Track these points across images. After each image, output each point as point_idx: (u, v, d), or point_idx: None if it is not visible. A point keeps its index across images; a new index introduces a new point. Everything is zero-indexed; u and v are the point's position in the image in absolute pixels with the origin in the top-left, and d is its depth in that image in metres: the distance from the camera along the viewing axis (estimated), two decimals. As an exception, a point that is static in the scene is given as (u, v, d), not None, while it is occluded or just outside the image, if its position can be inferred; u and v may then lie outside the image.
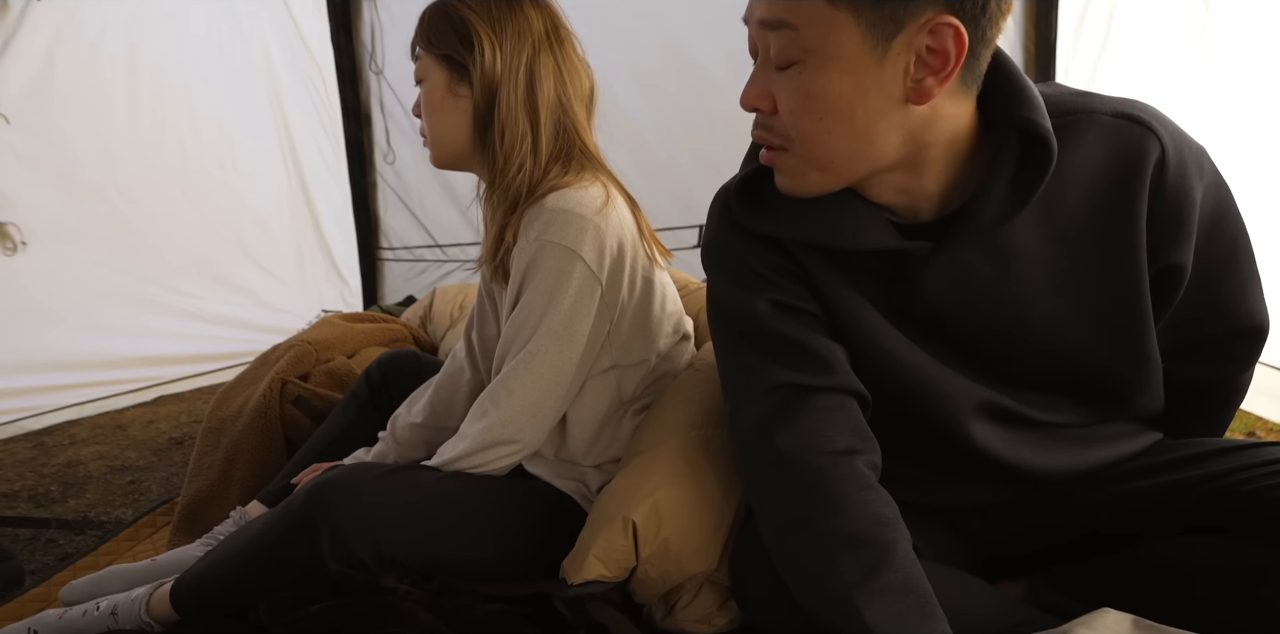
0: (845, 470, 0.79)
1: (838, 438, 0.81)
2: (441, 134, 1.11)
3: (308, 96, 3.03)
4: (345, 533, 0.95)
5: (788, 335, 0.84)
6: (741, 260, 0.86)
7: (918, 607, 0.71)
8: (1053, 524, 0.94)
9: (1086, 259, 0.79)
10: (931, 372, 0.85)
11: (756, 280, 0.85)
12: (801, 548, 0.78)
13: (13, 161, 2.17)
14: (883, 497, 0.79)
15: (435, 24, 1.09)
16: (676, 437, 1.05)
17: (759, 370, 0.85)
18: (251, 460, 1.49)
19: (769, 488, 0.82)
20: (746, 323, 0.86)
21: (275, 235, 3.01)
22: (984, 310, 0.82)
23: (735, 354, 0.88)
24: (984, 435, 0.87)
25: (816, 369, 0.83)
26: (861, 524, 0.76)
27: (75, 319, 2.37)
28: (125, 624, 1.05)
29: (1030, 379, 0.87)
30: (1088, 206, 0.78)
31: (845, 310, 0.84)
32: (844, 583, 0.72)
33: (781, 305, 0.85)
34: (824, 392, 0.83)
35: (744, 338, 0.87)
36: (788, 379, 0.83)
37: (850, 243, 0.79)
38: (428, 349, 2.03)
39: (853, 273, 0.84)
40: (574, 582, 0.97)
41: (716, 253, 0.90)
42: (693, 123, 2.91)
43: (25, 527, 1.63)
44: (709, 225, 0.91)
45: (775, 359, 0.84)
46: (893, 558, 0.74)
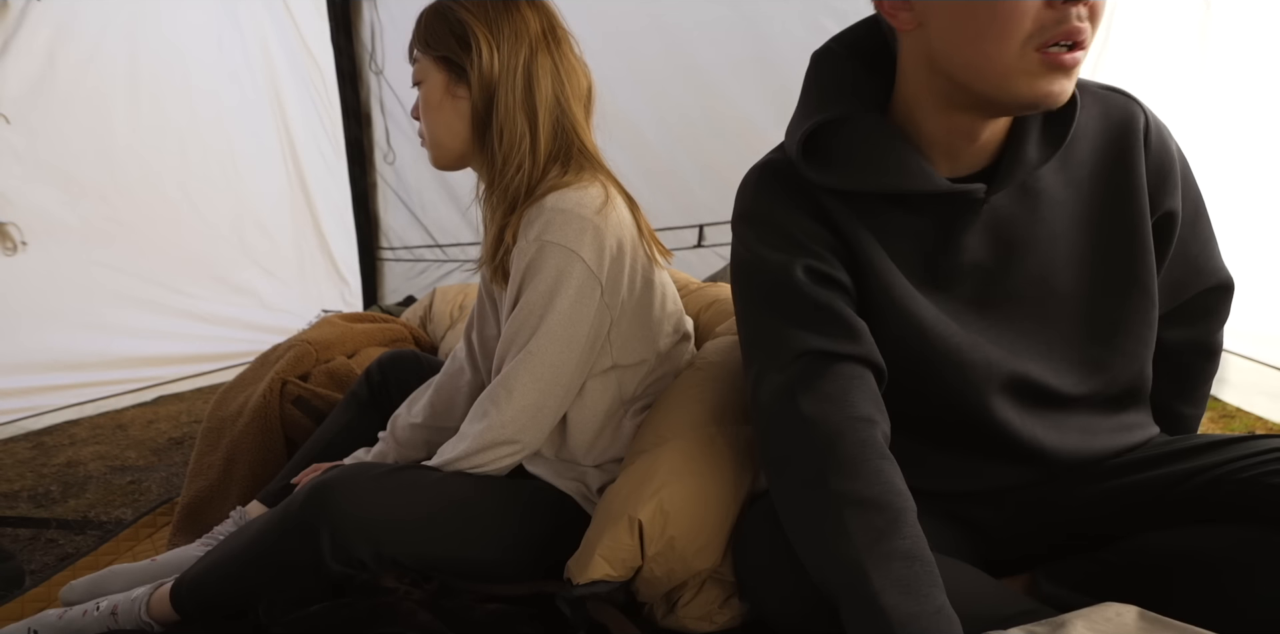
0: (864, 437, 0.81)
1: (859, 405, 0.83)
2: (440, 135, 1.11)
3: (308, 96, 3.03)
4: (345, 533, 0.95)
5: (819, 301, 0.86)
6: (781, 227, 0.88)
7: (924, 574, 0.72)
8: (1052, 522, 0.95)
9: (1096, 202, 0.88)
10: (957, 340, 0.88)
11: (794, 247, 0.87)
12: (814, 507, 0.79)
13: (13, 161, 2.17)
14: (896, 468, 0.81)
15: (432, 26, 1.09)
16: (680, 435, 1.06)
17: (786, 336, 0.86)
18: (251, 460, 1.49)
19: (787, 450, 0.83)
20: (779, 288, 0.87)
21: (275, 235, 3.01)
22: (1017, 255, 0.87)
23: (763, 319, 0.89)
24: (1001, 409, 0.90)
25: (843, 337, 0.85)
26: (875, 489, 0.77)
27: (75, 319, 2.37)
28: (125, 624, 1.05)
29: (1052, 340, 0.90)
30: (1094, 157, 0.87)
31: (878, 279, 0.87)
32: (853, 545, 0.73)
33: (816, 272, 0.87)
34: (848, 360, 0.85)
35: (774, 303, 0.88)
36: (814, 345, 0.84)
37: (926, 184, 0.82)
38: (428, 349, 2.03)
39: (892, 238, 0.87)
40: (579, 582, 0.97)
41: (755, 220, 0.91)
42: (693, 123, 2.91)
43: (25, 527, 1.63)
44: (746, 195, 0.93)
45: (804, 325, 0.86)
46: (903, 525, 0.75)
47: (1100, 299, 0.90)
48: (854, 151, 0.84)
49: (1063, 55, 0.72)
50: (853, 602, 0.72)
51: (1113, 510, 0.91)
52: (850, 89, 0.86)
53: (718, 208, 2.99)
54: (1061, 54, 0.72)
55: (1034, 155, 0.83)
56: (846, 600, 0.73)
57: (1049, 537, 0.96)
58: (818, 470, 0.79)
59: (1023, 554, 0.98)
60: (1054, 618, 0.76)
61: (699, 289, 1.56)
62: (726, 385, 1.14)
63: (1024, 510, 0.96)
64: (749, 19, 2.74)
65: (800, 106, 0.89)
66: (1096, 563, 0.91)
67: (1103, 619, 0.75)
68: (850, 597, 0.72)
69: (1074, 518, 0.94)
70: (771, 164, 0.92)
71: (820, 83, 0.89)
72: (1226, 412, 2.11)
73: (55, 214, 2.29)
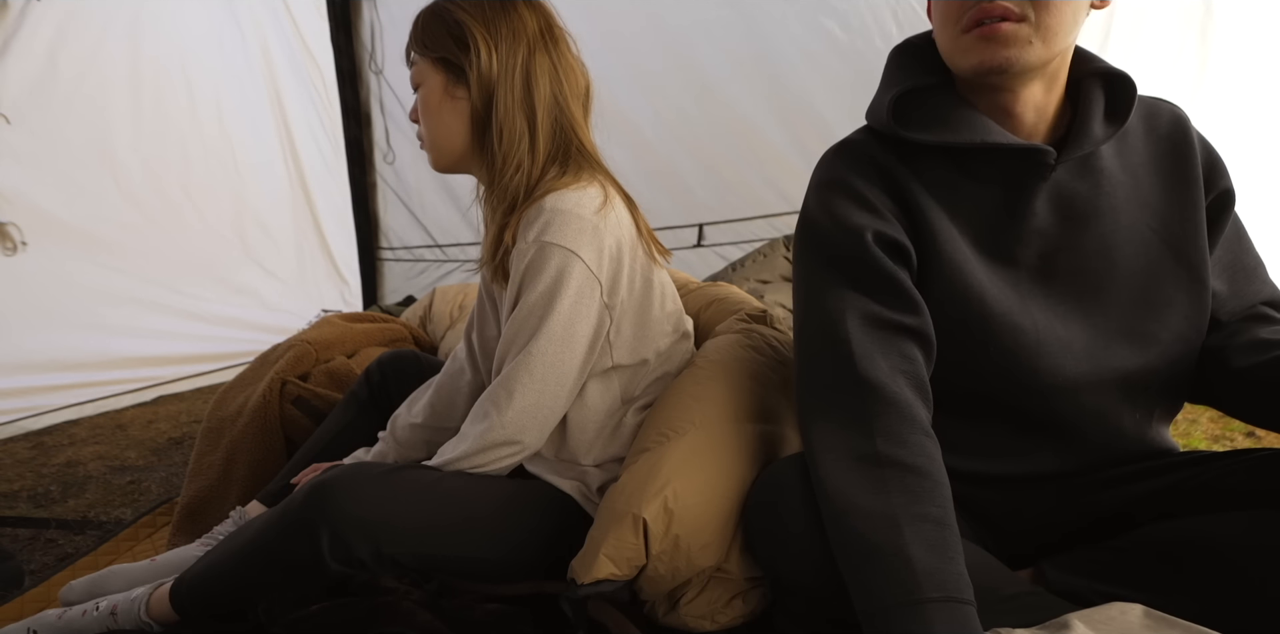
0: (914, 409, 0.85)
1: (911, 376, 0.87)
2: (440, 137, 1.11)
3: (308, 96, 3.03)
4: (345, 533, 0.95)
5: (886, 271, 0.89)
6: (857, 193, 0.92)
7: (951, 540, 0.76)
8: (1065, 514, 0.97)
9: (1153, 186, 0.93)
10: (1010, 305, 0.91)
11: (870, 215, 0.91)
12: (856, 464, 0.82)
13: (13, 162, 2.17)
14: (938, 446, 0.85)
15: (430, 27, 1.09)
16: (683, 433, 1.06)
17: (849, 298, 0.90)
18: (251, 460, 1.49)
19: (836, 410, 0.86)
20: (849, 252, 0.91)
21: (275, 235, 3.02)
22: (1079, 227, 0.91)
23: (826, 284, 0.92)
24: (1048, 378, 0.92)
25: (904, 309, 0.89)
26: (919, 459, 0.81)
27: (75, 319, 2.37)
28: (125, 624, 1.05)
29: (1109, 312, 0.93)
30: (1147, 148, 0.93)
31: (940, 247, 0.91)
32: (890, 501, 0.78)
33: (885, 239, 0.90)
34: (905, 333, 0.89)
35: (841, 266, 0.91)
36: (875, 312, 0.88)
37: (1002, 138, 0.88)
38: (428, 349, 2.03)
39: (958, 208, 0.92)
40: (584, 581, 0.97)
41: (833, 186, 0.95)
42: (692, 122, 2.91)
43: (25, 527, 1.63)
44: (826, 165, 0.97)
45: (868, 291, 0.90)
46: (938, 495, 0.79)
47: (1156, 277, 0.93)
48: (937, 112, 0.91)
49: (987, 27, 0.82)
50: (878, 553, 0.75)
51: (1131, 499, 0.94)
52: (927, 69, 0.93)
53: (717, 207, 2.99)
54: (986, 27, 0.82)
55: (1098, 132, 0.88)
56: (872, 551, 0.76)
57: (1057, 530, 0.98)
58: (866, 432, 0.83)
59: (1026, 549, 0.99)
60: (1056, 619, 0.77)
61: (699, 288, 1.56)
62: (728, 384, 1.14)
63: (1043, 498, 0.98)
64: (749, 19, 2.74)
65: (883, 85, 0.96)
66: (1105, 551, 0.92)
67: (1106, 618, 0.75)
68: (877, 548, 0.76)
69: (1088, 510, 0.96)
70: (850, 141, 0.97)
71: (902, 63, 0.96)
72: (1226, 411, 2.10)
73: (55, 214, 2.29)
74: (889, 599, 0.73)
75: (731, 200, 2.97)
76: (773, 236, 2.76)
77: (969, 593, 0.73)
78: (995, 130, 0.88)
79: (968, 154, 0.90)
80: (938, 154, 0.91)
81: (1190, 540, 0.86)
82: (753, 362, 1.21)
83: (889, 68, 0.98)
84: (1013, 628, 0.74)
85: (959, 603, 0.72)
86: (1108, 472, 0.97)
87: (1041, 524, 0.99)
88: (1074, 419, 0.94)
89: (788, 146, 2.89)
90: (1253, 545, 0.81)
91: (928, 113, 0.91)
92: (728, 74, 2.83)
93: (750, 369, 1.20)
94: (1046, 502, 0.98)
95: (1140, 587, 0.83)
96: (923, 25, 3.18)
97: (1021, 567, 0.97)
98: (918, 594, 0.72)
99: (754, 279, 2.25)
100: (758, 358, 1.23)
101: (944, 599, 0.72)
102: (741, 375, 1.17)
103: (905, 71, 0.95)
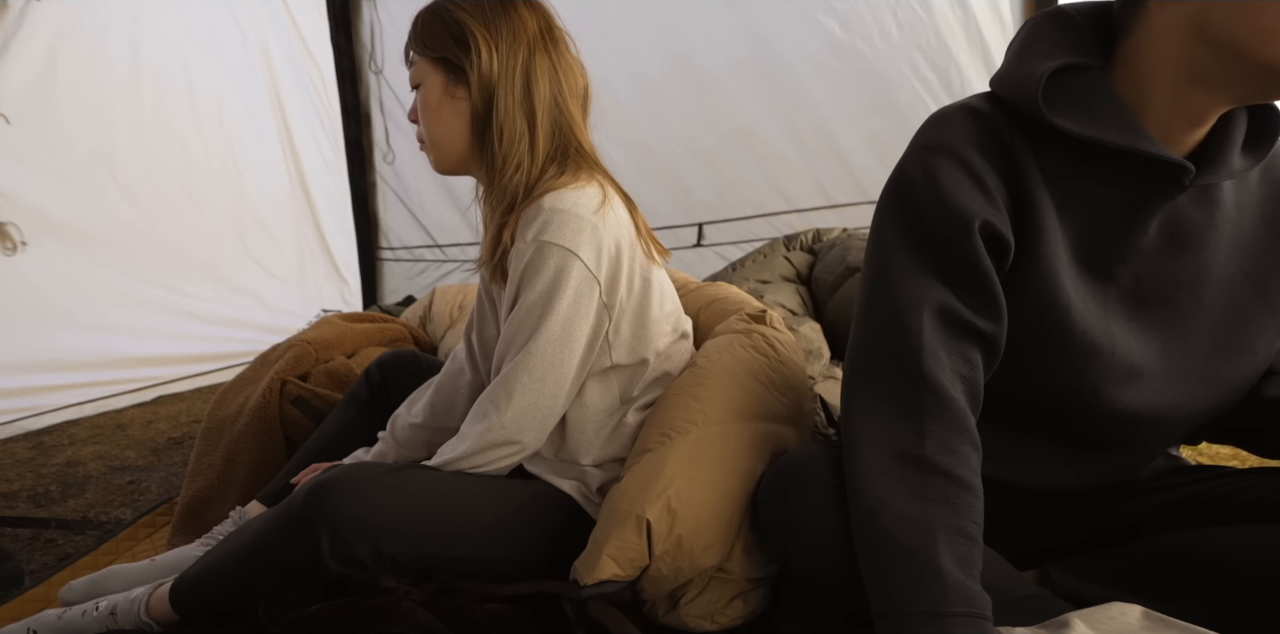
0: (968, 418, 0.81)
1: (970, 382, 0.83)
2: (441, 137, 1.11)
3: (308, 96, 3.03)
4: (344, 533, 0.95)
5: (980, 267, 0.82)
6: (974, 170, 0.82)
7: (977, 558, 0.76)
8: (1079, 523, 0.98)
9: (1252, 227, 0.88)
10: (1093, 324, 0.85)
11: (982, 200, 0.82)
12: (899, 465, 0.79)
13: (13, 161, 2.17)
14: (980, 455, 0.82)
15: (429, 27, 1.09)
16: (685, 433, 1.06)
17: (930, 290, 0.82)
18: (251, 460, 1.49)
19: (887, 403, 0.82)
20: (946, 240, 0.82)
21: (275, 235, 3.02)
22: (1180, 254, 0.85)
23: (910, 265, 0.83)
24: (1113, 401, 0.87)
25: (985, 312, 0.83)
26: (964, 471, 0.79)
27: (75, 319, 2.37)
28: (124, 624, 1.05)
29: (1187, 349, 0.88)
30: (1260, 187, 0.88)
31: (1044, 251, 0.83)
32: (929, 507, 0.76)
33: (992, 233, 0.82)
34: (978, 339, 0.83)
35: (930, 253, 0.83)
36: (955, 309, 0.82)
37: (1151, 147, 0.79)
38: (427, 349, 2.03)
39: (1071, 206, 0.83)
40: (587, 582, 0.97)
41: (949, 154, 0.83)
42: (692, 122, 2.91)
43: (25, 527, 1.63)
44: (945, 128, 0.84)
45: (953, 285, 0.82)
46: (975, 511, 0.78)
47: (1241, 321, 0.88)
48: (1085, 99, 0.81)
49: None
50: (909, 558, 0.74)
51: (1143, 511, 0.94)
52: (1082, 46, 0.83)
53: (717, 206, 2.99)
54: None
55: (1237, 163, 0.81)
56: (902, 555, 0.75)
57: (1066, 536, 0.98)
58: (914, 430, 0.80)
59: (1030, 550, 0.99)
60: (1056, 618, 0.77)
61: (698, 288, 1.56)
62: (729, 384, 1.14)
63: (1057, 506, 0.97)
64: (749, 18, 2.74)
65: (1027, 54, 0.84)
66: (1113, 558, 0.92)
67: (1105, 618, 0.76)
68: (908, 552, 0.74)
69: (1100, 519, 0.96)
70: (974, 108, 0.85)
71: (1052, 34, 0.84)
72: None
73: (55, 214, 2.28)
74: (913, 606, 0.72)
75: (731, 200, 2.97)
76: (772, 236, 2.76)
77: (989, 608, 0.73)
78: (1145, 135, 0.78)
79: (1101, 152, 0.80)
80: (1065, 142, 0.82)
81: (1202, 551, 0.85)
82: (754, 361, 1.21)
83: (1035, 34, 0.85)
84: (1013, 627, 0.75)
85: (981, 619, 0.72)
86: (1126, 488, 0.96)
87: (1051, 530, 0.99)
88: (1118, 443, 0.91)
89: (787, 146, 2.89)
90: (1265, 559, 0.80)
91: (1073, 97, 0.81)
92: (727, 73, 2.82)
93: (751, 369, 1.20)
94: (1060, 509, 0.98)
95: (1149, 595, 0.82)
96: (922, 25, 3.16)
97: (1023, 568, 0.96)
98: (944, 607, 0.71)
99: (754, 279, 2.24)
100: (759, 358, 1.23)
101: (969, 615, 0.72)
102: (743, 375, 1.17)
103: (1056, 44, 0.83)
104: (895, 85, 2.74)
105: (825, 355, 1.90)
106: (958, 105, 0.86)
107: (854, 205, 2.94)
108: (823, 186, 2.94)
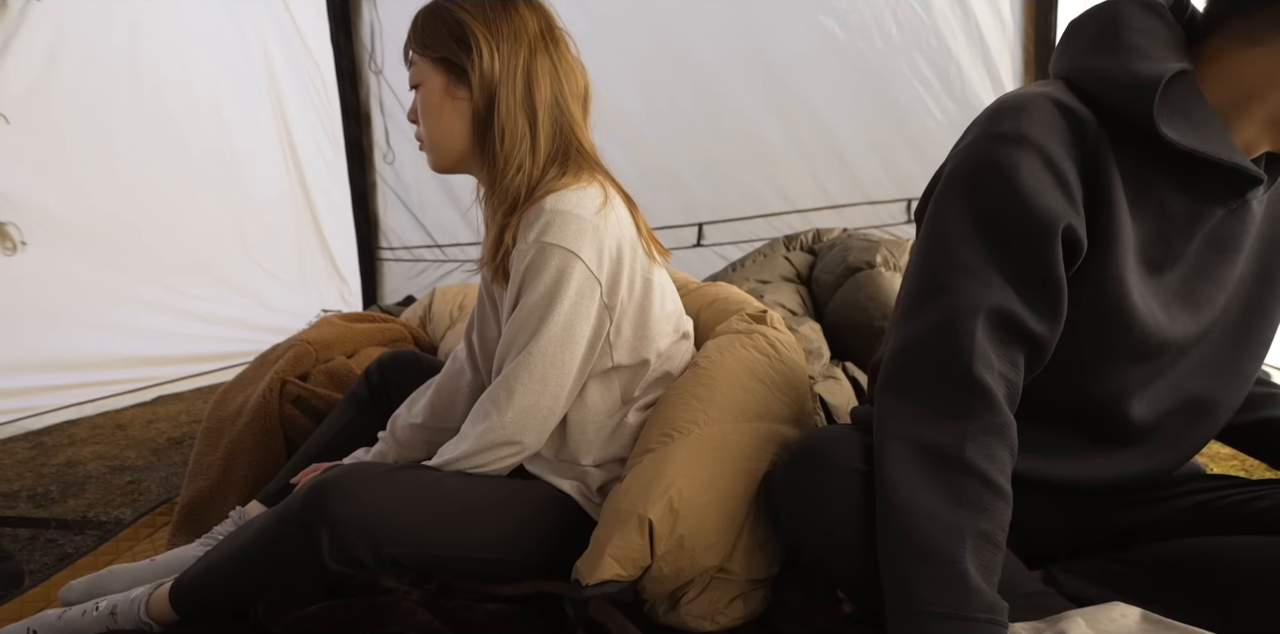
0: (1010, 423, 0.79)
1: (1012, 386, 0.81)
2: (441, 138, 1.11)
3: (308, 96, 3.03)
4: (344, 533, 0.95)
5: (1053, 273, 0.79)
6: (1058, 169, 0.78)
7: (996, 566, 0.75)
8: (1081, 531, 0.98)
9: (1264, 239, 0.91)
10: (1154, 321, 0.85)
11: (1065, 202, 0.79)
12: (934, 463, 0.77)
13: (13, 162, 2.17)
14: (1014, 460, 0.81)
15: (430, 27, 1.09)
16: (687, 434, 1.06)
17: (993, 291, 0.79)
18: (251, 460, 1.49)
19: (929, 401, 0.80)
20: (1024, 243, 0.79)
21: (275, 235, 3.02)
22: (1220, 258, 0.87)
23: (978, 264, 0.80)
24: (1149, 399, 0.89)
25: (1045, 316, 0.81)
26: (1000, 478, 0.78)
27: (75, 319, 2.37)
28: (124, 624, 1.05)
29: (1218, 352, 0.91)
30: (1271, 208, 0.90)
31: (1115, 252, 0.81)
32: (961, 510, 0.75)
33: (1071, 240, 0.79)
34: (1028, 340, 0.81)
35: (1004, 252, 0.79)
36: (1018, 314, 0.79)
37: (1245, 163, 0.79)
38: (427, 349, 2.03)
39: (1146, 210, 0.82)
40: (589, 582, 0.97)
41: (1033, 147, 0.78)
42: (692, 122, 2.91)
43: (25, 527, 1.63)
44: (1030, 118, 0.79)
45: (1020, 287, 0.79)
46: (1003, 518, 0.77)
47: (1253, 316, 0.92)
48: (1181, 106, 0.78)
49: None
50: (934, 557, 0.73)
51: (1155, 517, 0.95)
52: (1177, 46, 0.81)
53: (717, 206, 2.99)
54: None
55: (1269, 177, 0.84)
56: (928, 553, 0.74)
57: (1075, 539, 0.98)
58: (955, 430, 0.77)
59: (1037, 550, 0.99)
60: (1056, 616, 0.77)
61: (698, 288, 1.56)
62: (730, 384, 1.14)
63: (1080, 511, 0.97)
64: (748, 18, 2.74)
65: (1114, 47, 0.81)
66: (1118, 563, 0.92)
67: (1107, 619, 0.76)
68: (934, 551, 0.73)
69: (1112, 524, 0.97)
70: (1059, 100, 0.80)
71: (1141, 26, 0.81)
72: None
73: (55, 214, 2.28)
74: (931, 606, 0.71)
75: (731, 199, 2.97)
76: (772, 236, 2.76)
77: (1007, 615, 0.73)
78: (1237, 149, 0.78)
79: (1179, 155, 0.78)
80: (1143, 142, 0.79)
81: (1210, 560, 0.86)
82: (755, 361, 1.21)
83: (1123, 23, 0.81)
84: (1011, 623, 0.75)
85: (1001, 626, 0.72)
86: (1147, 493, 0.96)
87: (1063, 530, 0.99)
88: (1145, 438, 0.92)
89: (787, 146, 2.89)
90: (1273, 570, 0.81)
91: (1175, 105, 0.77)
92: (727, 73, 2.83)
93: (753, 369, 1.20)
94: (1080, 510, 0.98)
95: (1154, 600, 0.82)
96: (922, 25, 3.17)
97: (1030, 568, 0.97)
98: (964, 611, 0.71)
99: (754, 279, 2.24)
100: (760, 358, 1.23)
101: (989, 621, 0.71)
102: (744, 375, 1.17)
103: (1153, 40, 0.79)
104: (895, 85, 2.74)
105: (825, 355, 1.90)
106: (1035, 93, 0.81)
107: (854, 205, 2.94)
108: (823, 187, 2.94)
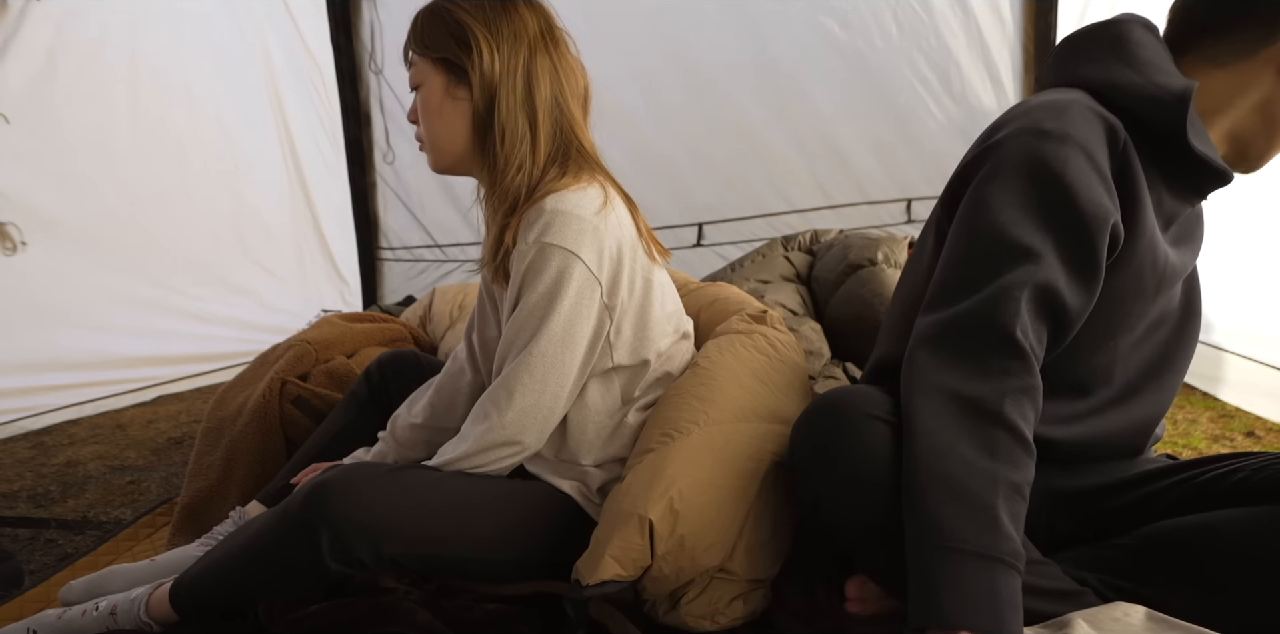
0: (1039, 389, 0.84)
1: (1040, 360, 0.86)
2: (441, 138, 1.11)
3: (307, 96, 3.03)
4: (344, 533, 0.95)
5: (1099, 261, 0.86)
6: (1103, 174, 0.87)
7: (1023, 517, 0.79)
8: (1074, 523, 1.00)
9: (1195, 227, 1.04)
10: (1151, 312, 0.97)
11: (1110, 201, 0.87)
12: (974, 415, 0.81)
13: (13, 161, 2.17)
14: None
15: (430, 27, 1.09)
16: (688, 434, 1.06)
17: (1044, 267, 0.84)
18: (251, 460, 1.49)
19: (970, 357, 0.84)
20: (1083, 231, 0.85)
21: (275, 235, 3.02)
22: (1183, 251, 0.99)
23: (1039, 243, 0.85)
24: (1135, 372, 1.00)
25: (1082, 298, 0.87)
26: (1030, 436, 0.82)
27: (75, 319, 2.37)
28: (124, 624, 1.05)
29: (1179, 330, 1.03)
30: None
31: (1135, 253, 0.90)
32: (998, 461, 0.78)
33: (1114, 235, 0.87)
34: (1059, 319, 0.86)
35: (1064, 234, 0.85)
36: (1056, 290, 0.85)
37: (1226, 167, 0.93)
38: (427, 349, 2.03)
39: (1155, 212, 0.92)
40: (589, 582, 0.96)
41: (1081, 148, 0.86)
42: (692, 122, 2.92)
43: (24, 527, 1.63)
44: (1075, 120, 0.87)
45: (1071, 267, 0.85)
46: (1031, 476, 0.80)
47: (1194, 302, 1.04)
48: (1196, 123, 0.90)
49: None
50: (971, 499, 0.76)
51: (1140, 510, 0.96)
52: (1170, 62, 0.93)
53: (717, 206, 3.00)
54: None
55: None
56: (965, 494, 0.76)
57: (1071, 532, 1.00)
58: (996, 387, 0.81)
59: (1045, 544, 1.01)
60: (1059, 618, 0.77)
61: (698, 288, 1.56)
62: (731, 384, 1.14)
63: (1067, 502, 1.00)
64: (748, 18, 2.74)
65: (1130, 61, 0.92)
66: (1108, 549, 0.94)
67: (1109, 619, 0.76)
68: (971, 494, 0.76)
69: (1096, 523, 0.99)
70: (1092, 108, 0.89)
71: (1149, 43, 0.93)
72: (1226, 411, 2.11)
73: (55, 214, 2.28)
74: (964, 542, 0.74)
75: (731, 199, 2.97)
76: (772, 236, 2.76)
77: (1025, 566, 0.76)
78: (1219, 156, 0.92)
79: (1180, 160, 0.90)
80: (1153, 146, 0.90)
81: (1193, 533, 0.87)
82: (755, 361, 1.21)
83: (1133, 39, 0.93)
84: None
85: (1020, 575, 0.74)
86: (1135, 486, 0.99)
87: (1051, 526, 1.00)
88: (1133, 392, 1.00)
89: (787, 146, 2.89)
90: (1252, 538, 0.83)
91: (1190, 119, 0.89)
92: (727, 73, 2.83)
93: (753, 369, 1.20)
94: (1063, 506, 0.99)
95: (1146, 581, 0.85)
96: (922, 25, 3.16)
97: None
98: (994, 552, 0.73)
99: (754, 279, 2.24)
100: (760, 358, 1.23)
101: (1013, 567, 0.74)
102: (744, 375, 1.17)
103: (1161, 57, 0.92)
104: (895, 85, 2.75)
105: (825, 355, 1.90)
106: (1069, 98, 0.90)
107: (853, 205, 2.94)
108: (823, 187, 2.94)
